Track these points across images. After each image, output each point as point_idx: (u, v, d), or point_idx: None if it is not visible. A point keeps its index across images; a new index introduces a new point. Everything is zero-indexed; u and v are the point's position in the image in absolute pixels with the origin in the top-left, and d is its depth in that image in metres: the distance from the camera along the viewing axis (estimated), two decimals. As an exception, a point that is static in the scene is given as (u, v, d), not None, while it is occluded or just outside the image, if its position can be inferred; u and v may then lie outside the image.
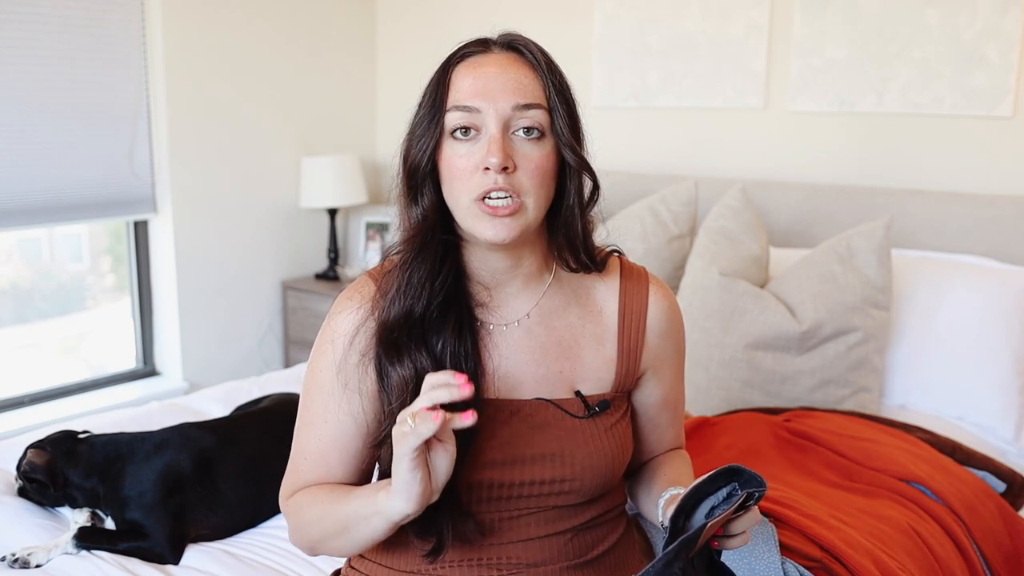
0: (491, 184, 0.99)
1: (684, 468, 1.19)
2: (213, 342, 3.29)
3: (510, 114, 1.00)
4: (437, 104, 1.02)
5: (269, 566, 1.51)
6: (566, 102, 1.04)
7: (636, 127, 3.01)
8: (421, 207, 1.05)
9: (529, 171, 1.00)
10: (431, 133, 1.02)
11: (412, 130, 1.05)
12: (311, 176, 3.40)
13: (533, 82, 1.02)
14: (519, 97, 1.00)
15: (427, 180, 1.04)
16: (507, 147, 0.99)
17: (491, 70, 1.01)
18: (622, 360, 1.12)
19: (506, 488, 1.05)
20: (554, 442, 1.06)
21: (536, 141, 1.01)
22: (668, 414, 1.21)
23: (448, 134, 1.02)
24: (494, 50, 1.04)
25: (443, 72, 1.04)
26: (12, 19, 2.65)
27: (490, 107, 0.99)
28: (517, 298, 1.10)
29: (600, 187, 1.10)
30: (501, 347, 1.09)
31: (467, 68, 1.03)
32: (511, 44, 1.05)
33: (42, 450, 1.61)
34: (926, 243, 2.38)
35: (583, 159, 1.05)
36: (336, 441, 1.07)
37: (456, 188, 1.01)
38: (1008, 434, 2.04)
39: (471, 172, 1.00)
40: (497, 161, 0.98)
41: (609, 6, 2.99)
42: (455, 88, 1.02)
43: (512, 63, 1.03)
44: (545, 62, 1.04)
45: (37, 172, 2.78)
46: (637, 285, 1.14)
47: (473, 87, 1.00)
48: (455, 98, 1.01)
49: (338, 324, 1.08)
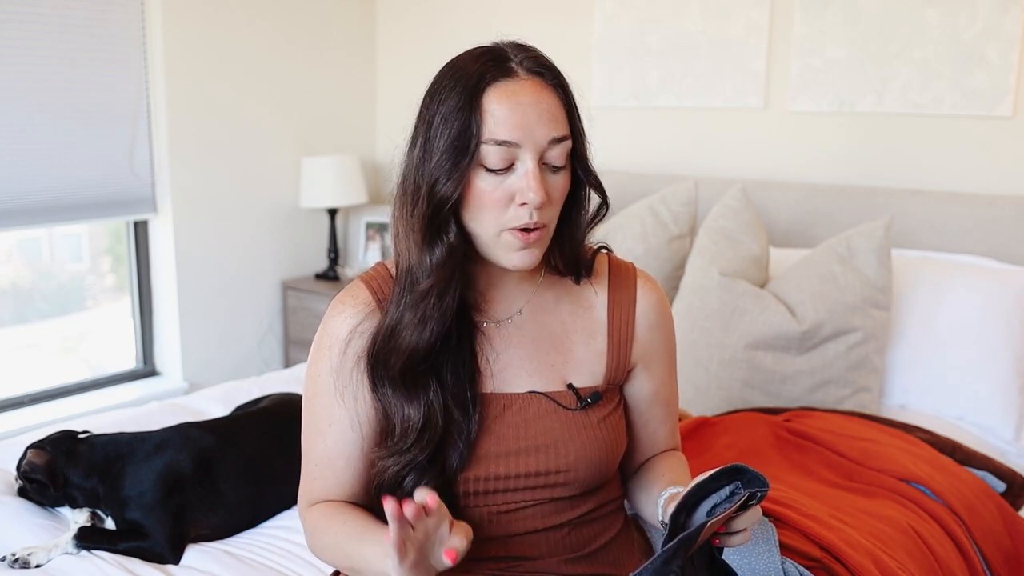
0: (526, 219, 0.99)
1: (682, 469, 1.19)
2: (213, 342, 3.29)
3: (546, 147, 0.99)
4: (469, 134, 0.97)
5: (269, 566, 1.51)
6: (580, 124, 1.05)
7: (636, 127, 3.01)
8: (446, 242, 1.01)
9: (556, 200, 1.03)
10: (463, 166, 0.98)
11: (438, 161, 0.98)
12: (311, 176, 3.40)
13: (561, 111, 1.01)
14: (554, 130, 0.99)
15: (451, 213, 1.00)
16: (544, 182, 0.99)
17: (526, 100, 0.98)
18: (612, 353, 1.13)
19: (501, 480, 1.06)
20: (547, 434, 1.08)
21: (561, 171, 1.02)
22: (660, 409, 1.21)
23: (477, 165, 0.99)
24: (521, 75, 1.00)
25: (471, 97, 0.98)
26: (12, 19, 2.65)
27: (529, 141, 0.98)
28: (510, 295, 1.12)
29: (609, 205, 1.11)
30: (495, 343, 1.10)
31: (501, 97, 0.98)
32: (535, 69, 1.01)
33: (42, 450, 1.61)
34: (926, 243, 2.38)
35: (598, 181, 1.07)
36: (341, 446, 1.08)
37: (485, 218, 1.00)
38: (1008, 434, 2.04)
39: (504, 204, 0.99)
40: (538, 199, 0.98)
41: (609, 6, 2.99)
42: (491, 119, 0.97)
43: (542, 90, 1.00)
44: (565, 84, 1.03)
45: (37, 172, 2.78)
46: (625, 279, 1.16)
47: (511, 119, 0.97)
48: (492, 131, 0.97)
49: (333, 329, 1.09)
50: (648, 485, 1.17)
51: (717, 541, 0.98)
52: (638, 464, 1.25)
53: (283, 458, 1.67)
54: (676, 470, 1.18)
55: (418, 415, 1.03)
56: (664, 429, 1.23)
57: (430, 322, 1.02)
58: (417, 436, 1.03)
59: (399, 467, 1.03)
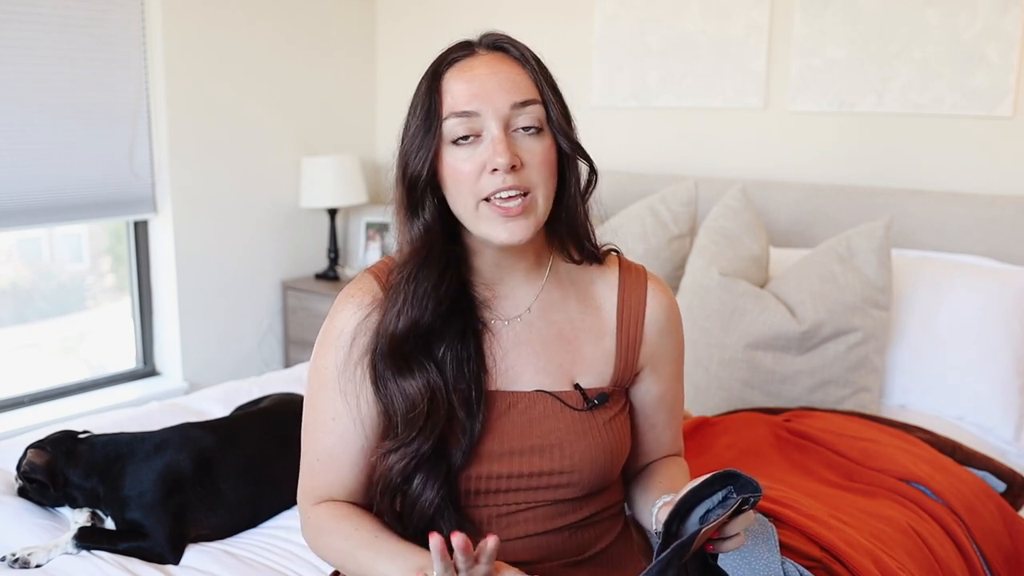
0: (499, 183, 0.99)
1: (681, 475, 1.18)
2: (213, 342, 3.29)
3: (508, 113, 1.00)
4: (432, 113, 1.01)
5: (269, 566, 1.51)
6: (556, 94, 1.05)
7: (636, 127, 3.01)
8: (423, 219, 1.04)
9: (536, 165, 1.01)
10: (428, 143, 1.01)
11: (407, 143, 1.04)
12: (311, 176, 3.40)
13: (524, 78, 1.02)
14: (515, 95, 1.00)
15: (427, 191, 1.03)
16: (512, 146, 0.99)
17: (482, 71, 1.01)
18: (621, 354, 1.12)
19: (504, 480, 1.05)
20: (552, 434, 1.07)
21: (536, 136, 1.02)
22: (665, 414, 1.20)
23: (448, 142, 1.01)
24: (480, 52, 1.04)
25: (432, 80, 1.03)
26: (12, 19, 2.65)
27: (488, 108, 0.99)
28: (517, 292, 1.11)
29: (597, 172, 1.11)
30: (502, 341, 1.09)
31: (457, 72, 1.02)
32: (495, 44, 1.05)
33: (42, 450, 1.61)
34: (926, 243, 2.38)
35: (578, 145, 1.06)
36: (345, 442, 1.08)
37: (463, 193, 1.01)
38: (1008, 434, 2.04)
39: (476, 174, 1.00)
40: (505, 161, 0.98)
41: (609, 6, 2.99)
42: (449, 95, 1.01)
43: (501, 62, 1.03)
44: (532, 57, 1.05)
45: (37, 172, 2.78)
46: (636, 281, 1.15)
47: (468, 91, 1.00)
48: (451, 105, 1.00)
49: (340, 322, 1.09)
50: (646, 491, 1.17)
51: (711, 547, 0.97)
52: (640, 468, 1.24)
53: (283, 458, 1.67)
54: (674, 476, 1.17)
55: (421, 399, 1.02)
56: (668, 433, 1.22)
57: (409, 302, 1.03)
58: (421, 424, 1.02)
59: (405, 461, 1.02)
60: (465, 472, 1.05)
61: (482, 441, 1.05)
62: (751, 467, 1.68)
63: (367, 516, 1.07)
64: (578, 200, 1.08)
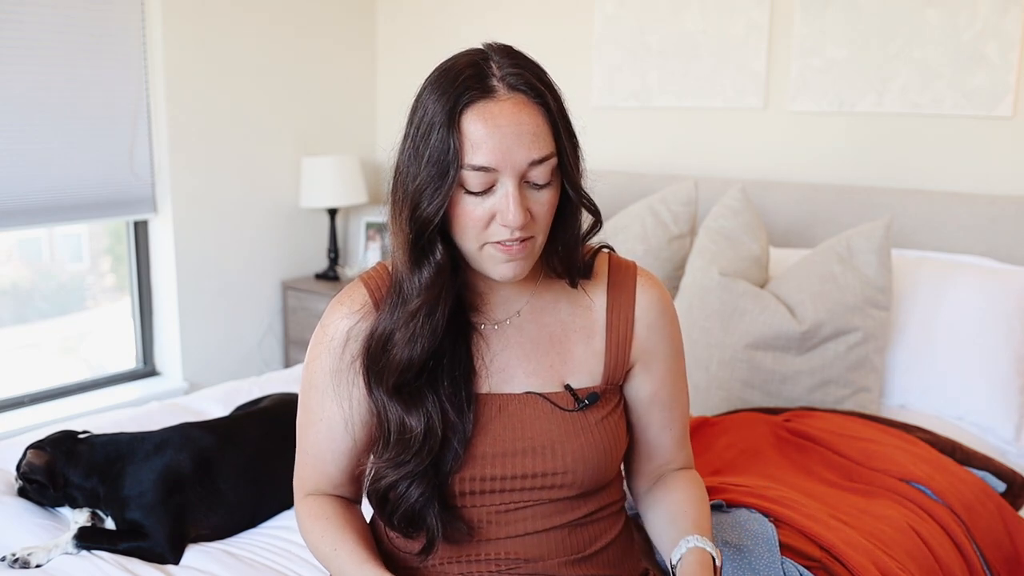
0: (507, 235, 0.99)
1: (703, 505, 1.16)
2: (213, 342, 3.29)
3: (526, 170, 0.97)
4: (449, 158, 0.96)
5: (269, 566, 1.51)
6: (571, 137, 1.02)
7: (636, 127, 3.01)
8: (434, 261, 1.01)
9: (541, 216, 1.01)
10: (445, 190, 0.97)
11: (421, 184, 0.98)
12: (311, 176, 3.40)
13: (544, 128, 0.98)
14: (534, 152, 0.97)
15: (437, 232, 1.00)
16: (524, 202, 0.98)
17: (504, 123, 0.96)
18: (610, 353, 1.13)
19: (497, 481, 1.06)
20: (544, 435, 1.07)
21: (546, 187, 1.00)
22: (660, 413, 1.18)
23: (460, 187, 0.98)
24: (501, 94, 0.97)
25: (449, 118, 0.96)
26: (12, 19, 2.65)
27: (507, 166, 0.96)
28: (508, 298, 1.12)
29: (602, 222, 1.11)
30: (492, 344, 1.10)
31: (478, 119, 0.96)
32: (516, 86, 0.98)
33: (41, 451, 1.61)
34: (926, 243, 2.38)
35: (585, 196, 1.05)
36: (330, 442, 1.11)
37: (469, 235, 1.00)
38: (1008, 434, 2.04)
39: (486, 222, 0.99)
40: (517, 221, 0.97)
41: (609, 6, 2.99)
42: (469, 142, 0.96)
43: (523, 110, 0.97)
44: (552, 98, 1.00)
45: (37, 172, 2.78)
46: (625, 278, 1.15)
47: (488, 144, 0.95)
48: (471, 157, 0.96)
49: (332, 328, 1.10)
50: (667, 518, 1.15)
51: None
52: (647, 474, 1.23)
53: (283, 458, 1.66)
54: (699, 507, 1.15)
55: (419, 426, 1.03)
56: (667, 436, 1.20)
57: (420, 339, 1.03)
58: (417, 449, 1.03)
59: (397, 477, 1.04)
60: (458, 474, 1.05)
61: (474, 443, 1.06)
62: (751, 467, 1.68)
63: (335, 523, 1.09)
64: (577, 241, 1.08)
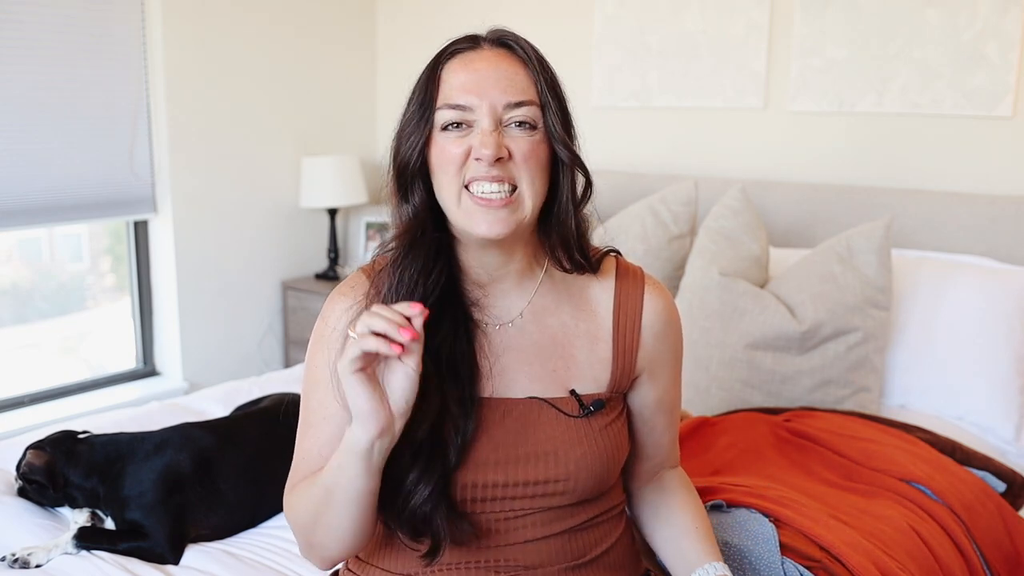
0: (483, 172, 0.98)
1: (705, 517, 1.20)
2: (213, 342, 3.29)
3: (502, 111, 1.00)
4: (427, 101, 1.02)
5: (269, 566, 1.51)
6: (557, 98, 1.04)
7: (636, 127, 3.01)
8: (412, 204, 1.05)
9: (522, 157, 1.00)
10: (421, 130, 1.02)
11: (401, 128, 1.05)
12: (311, 176, 3.40)
13: (524, 78, 1.02)
14: (511, 95, 1.00)
15: (417, 177, 1.04)
16: (500, 139, 0.99)
17: (482, 66, 1.01)
18: (617, 360, 1.11)
19: (500, 488, 1.04)
20: (547, 441, 1.06)
21: (529, 132, 1.01)
22: (664, 417, 1.19)
23: (438, 128, 1.02)
24: (484, 46, 1.04)
25: (433, 69, 1.04)
26: (12, 19, 2.65)
27: (482, 104, 0.99)
28: (510, 296, 1.10)
29: (593, 184, 1.09)
30: (496, 346, 1.08)
31: (458, 65, 1.02)
32: (501, 40, 1.05)
33: (41, 451, 1.61)
34: (926, 243, 2.38)
35: (575, 154, 1.05)
36: (334, 439, 1.06)
37: (448, 176, 1.00)
38: (1008, 434, 2.04)
39: (461, 159, 1.00)
40: (490, 152, 0.97)
41: (609, 6, 2.99)
42: (446, 85, 1.01)
43: (503, 59, 1.02)
44: (536, 58, 1.04)
45: (37, 172, 2.78)
46: (633, 284, 1.14)
47: (464, 84, 1.00)
48: (446, 95, 1.01)
49: (332, 320, 1.08)
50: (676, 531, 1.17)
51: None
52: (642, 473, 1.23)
53: (283, 458, 1.65)
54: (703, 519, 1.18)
55: None
56: (667, 437, 1.22)
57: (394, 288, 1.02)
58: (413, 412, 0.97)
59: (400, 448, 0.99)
60: (461, 480, 1.03)
61: (476, 449, 1.04)
62: (751, 467, 1.68)
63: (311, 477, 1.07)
64: (570, 209, 1.06)
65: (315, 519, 1.03)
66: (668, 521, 1.19)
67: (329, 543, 1.04)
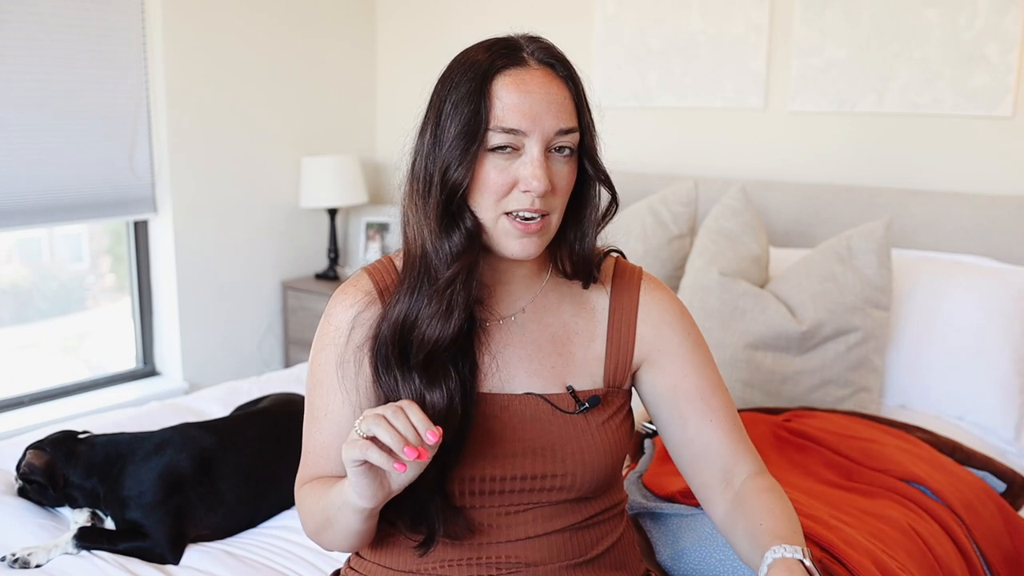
0: (527, 204, 0.99)
1: (783, 513, 1.04)
2: (213, 342, 3.29)
3: (552, 138, 1.00)
4: (478, 120, 0.98)
5: (269, 566, 1.51)
6: (591, 119, 1.05)
7: (636, 127, 3.01)
8: (464, 228, 1.01)
9: (562, 190, 1.02)
10: (473, 152, 0.98)
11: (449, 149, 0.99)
12: (311, 176, 3.40)
13: (570, 103, 1.02)
14: (562, 122, 1.00)
15: (464, 199, 1.01)
16: (549, 171, 0.99)
17: (535, 88, 0.99)
18: (611, 356, 1.12)
19: (496, 482, 1.05)
20: (544, 437, 1.07)
21: (568, 157, 1.02)
22: (691, 404, 1.12)
23: (484, 149, 0.99)
24: (532, 64, 1.01)
25: (481, 83, 0.98)
26: (12, 19, 2.65)
27: (536, 131, 0.98)
28: (514, 294, 1.11)
29: (619, 203, 1.11)
30: (495, 341, 1.09)
31: (510, 84, 0.99)
32: (546, 60, 1.02)
33: (41, 451, 1.61)
34: (926, 243, 2.38)
35: (605, 174, 1.07)
36: (337, 436, 1.08)
37: (486, 200, 1.00)
38: (1008, 434, 2.04)
39: (507, 188, 0.99)
40: (541, 187, 0.98)
41: (609, 6, 2.99)
42: (499, 106, 0.98)
43: (552, 82, 1.01)
44: (577, 78, 1.04)
45: (37, 172, 2.78)
46: (629, 282, 1.15)
47: (520, 108, 0.98)
48: (501, 118, 0.98)
49: (336, 319, 1.09)
50: (747, 537, 1.05)
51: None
52: (715, 487, 1.13)
53: (283, 458, 1.67)
54: (776, 516, 1.03)
55: (442, 401, 1.02)
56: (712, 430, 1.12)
57: (456, 310, 1.02)
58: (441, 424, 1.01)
59: None
60: (459, 474, 1.04)
61: (474, 443, 1.05)
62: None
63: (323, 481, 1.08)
64: (593, 227, 1.08)
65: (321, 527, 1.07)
66: (742, 528, 1.07)
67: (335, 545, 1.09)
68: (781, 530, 1.01)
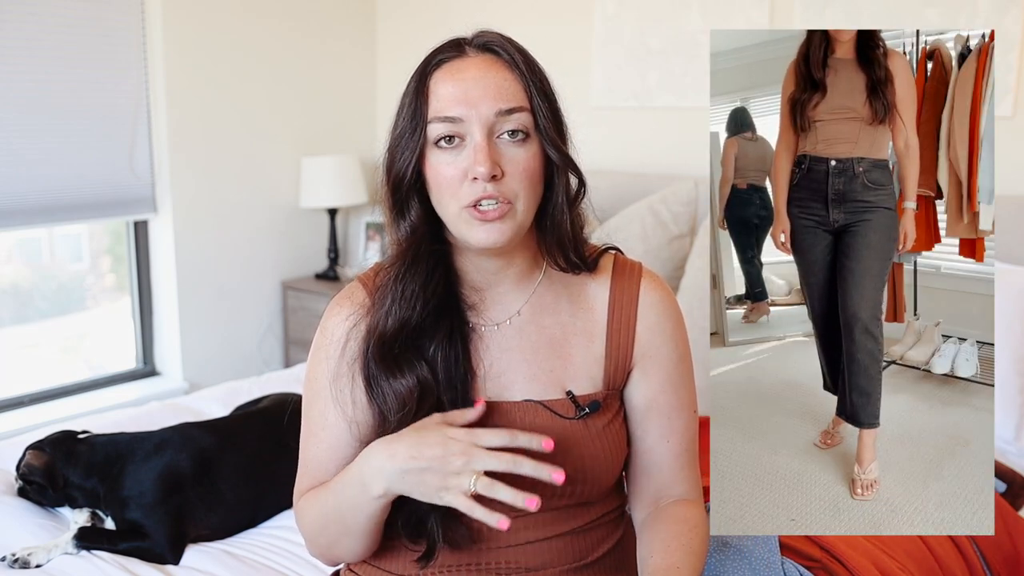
0: (480, 192, 0.97)
1: (681, 555, 1.03)
2: (213, 342, 3.29)
3: (493, 120, 0.98)
4: (418, 115, 1.00)
5: (269, 566, 1.51)
6: (548, 100, 1.02)
7: (636, 127, 3.01)
8: (409, 220, 1.04)
9: (517, 175, 0.99)
10: (413, 145, 1.00)
11: (393, 143, 1.03)
12: (311, 176, 3.40)
13: (514, 84, 1.00)
14: (501, 102, 0.98)
15: (412, 192, 1.03)
16: (493, 154, 0.98)
17: (470, 75, 0.99)
18: (611, 355, 1.10)
19: None
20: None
21: (522, 143, 1.00)
22: (658, 420, 1.12)
23: (432, 144, 1.00)
24: (470, 53, 1.02)
25: (420, 80, 1.01)
26: (12, 19, 2.66)
27: (473, 114, 0.98)
28: (508, 297, 1.10)
29: (586, 184, 1.08)
30: (491, 347, 1.08)
31: (445, 75, 1.00)
32: (487, 45, 1.03)
33: (41, 451, 1.61)
34: (926, 243, 2.38)
35: (568, 157, 1.04)
36: (334, 449, 1.07)
37: (445, 197, 1.00)
38: (1008, 434, 2.04)
39: (459, 180, 0.99)
40: (485, 171, 0.96)
41: (609, 6, 2.99)
42: (435, 97, 1.00)
43: (491, 66, 1.01)
44: (523, 61, 1.02)
45: (37, 172, 2.78)
46: (629, 280, 1.13)
47: (453, 95, 0.98)
48: (436, 108, 0.99)
49: (330, 330, 1.09)
50: (641, 556, 1.07)
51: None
52: (645, 495, 1.14)
53: (283, 459, 1.67)
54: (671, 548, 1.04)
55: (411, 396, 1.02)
56: (665, 448, 1.12)
57: (397, 302, 1.03)
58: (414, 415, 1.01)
59: None
60: None
61: None
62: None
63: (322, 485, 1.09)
64: (564, 210, 1.05)
65: (323, 530, 1.06)
66: (641, 550, 1.08)
67: (338, 551, 1.08)
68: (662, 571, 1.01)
